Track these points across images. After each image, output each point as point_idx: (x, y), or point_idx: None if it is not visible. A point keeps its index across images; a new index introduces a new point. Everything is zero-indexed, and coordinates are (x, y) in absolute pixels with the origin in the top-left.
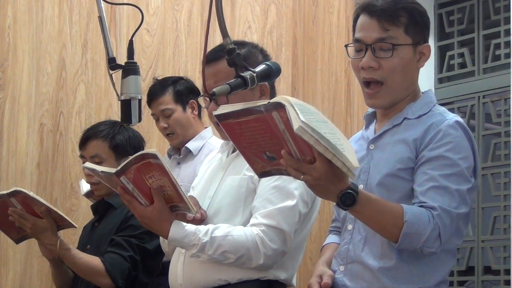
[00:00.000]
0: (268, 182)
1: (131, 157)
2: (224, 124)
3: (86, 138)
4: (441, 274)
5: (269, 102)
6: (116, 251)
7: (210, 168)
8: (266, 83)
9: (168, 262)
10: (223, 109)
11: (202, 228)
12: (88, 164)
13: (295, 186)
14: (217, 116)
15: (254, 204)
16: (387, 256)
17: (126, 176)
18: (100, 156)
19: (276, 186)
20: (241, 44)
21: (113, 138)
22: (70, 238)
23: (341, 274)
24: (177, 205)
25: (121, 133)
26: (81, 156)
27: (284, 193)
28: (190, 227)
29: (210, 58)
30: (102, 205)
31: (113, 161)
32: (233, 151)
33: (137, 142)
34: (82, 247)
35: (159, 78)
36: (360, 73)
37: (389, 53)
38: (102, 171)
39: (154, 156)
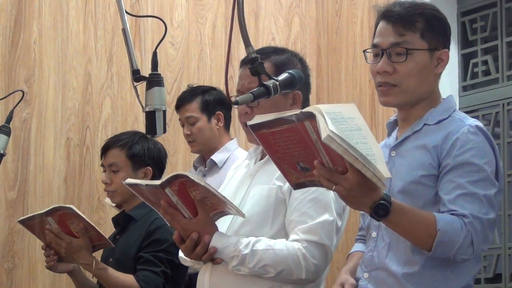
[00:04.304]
0: (304, 196)
1: (176, 173)
2: (258, 134)
3: (106, 147)
4: (466, 279)
5: (301, 112)
6: (147, 268)
7: (236, 175)
8: (299, 91)
9: (195, 274)
10: (257, 119)
11: (243, 240)
12: (130, 180)
13: (331, 199)
14: (251, 126)
15: (292, 218)
16: (411, 262)
17: (171, 188)
18: (117, 165)
19: (313, 199)
20: (281, 50)
21: (131, 148)
22: (99, 251)
23: (365, 281)
24: (221, 211)
25: (140, 143)
26: (102, 165)
27: (321, 206)
28: (232, 238)
29: (247, 60)
30: (123, 218)
31: (130, 170)
32: (261, 158)
33: (157, 154)
34: (104, 260)
35: (194, 86)
36: (376, 78)
37: (403, 57)
38: (146, 184)
39: (197, 182)
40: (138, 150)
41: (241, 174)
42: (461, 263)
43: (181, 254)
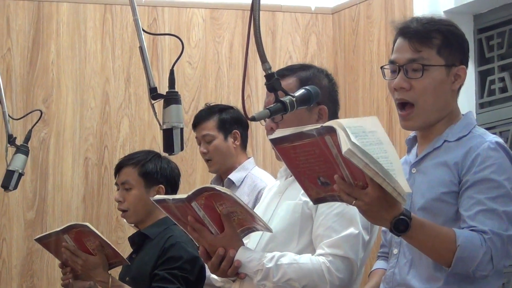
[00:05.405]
0: (329, 210)
1: (203, 186)
2: (279, 148)
3: (120, 166)
4: None
5: (321, 126)
6: (163, 285)
7: (269, 195)
8: (325, 106)
9: None
10: (278, 133)
11: (268, 254)
12: (158, 196)
13: (357, 212)
14: (272, 140)
15: (318, 233)
16: (433, 278)
17: (198, 202)
18: (130, 183)
19: (338, 214)
20: (307, 66)
21: (143, 166)
22: (116, 270)
23: None
24: (249, 227)
25: (153, 162)
26: (116, 184)
27: (346, 220)
28: (256, 253)
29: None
30: (138, 237)
31: (142, 188)
32: (291, 175)
33: (170, 172)
34: (121, 278)
35: (211, 104)
36: (394, 94)
37: (419, 73)
38: (173, 199)
39: (225, 193)
40: (151, 168)
41: (272, 193)
42: (482, 279)
43: (212, 274)
